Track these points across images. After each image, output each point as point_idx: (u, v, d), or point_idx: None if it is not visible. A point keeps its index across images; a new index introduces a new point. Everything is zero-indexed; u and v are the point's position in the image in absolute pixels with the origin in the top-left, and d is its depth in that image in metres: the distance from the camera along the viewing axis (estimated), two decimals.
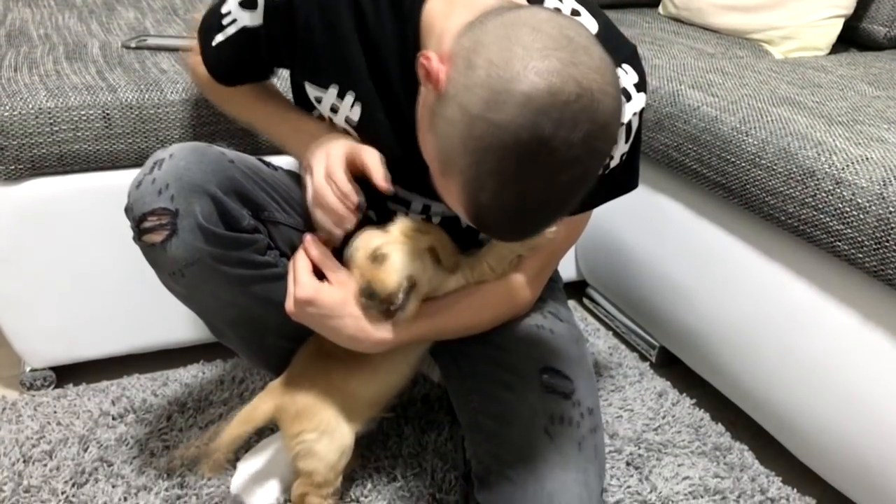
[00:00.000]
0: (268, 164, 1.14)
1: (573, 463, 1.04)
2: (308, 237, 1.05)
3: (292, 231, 1.11)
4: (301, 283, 1.02)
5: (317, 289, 1.02)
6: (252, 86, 1.17)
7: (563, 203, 0.80)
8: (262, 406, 1.14)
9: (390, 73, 1.00)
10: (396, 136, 1.03)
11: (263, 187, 1.08)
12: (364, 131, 1.05)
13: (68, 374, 1.50)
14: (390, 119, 1.03)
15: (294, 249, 1.12)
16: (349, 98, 1.03)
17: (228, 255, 1.02)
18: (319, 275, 1.04)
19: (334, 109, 1.05)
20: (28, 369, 1.48)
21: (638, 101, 1.02)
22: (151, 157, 1.03)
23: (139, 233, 1.01)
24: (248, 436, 1.17)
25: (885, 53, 1.82)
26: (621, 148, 1.03)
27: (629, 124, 1.02)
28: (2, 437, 1.33)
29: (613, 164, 1.04)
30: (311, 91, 1.06)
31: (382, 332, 1.04)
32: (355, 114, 1.04)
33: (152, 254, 1.02)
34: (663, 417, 1.46)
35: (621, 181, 1.09)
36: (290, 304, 1.03)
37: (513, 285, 1.12)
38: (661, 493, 1.28)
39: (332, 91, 1.04)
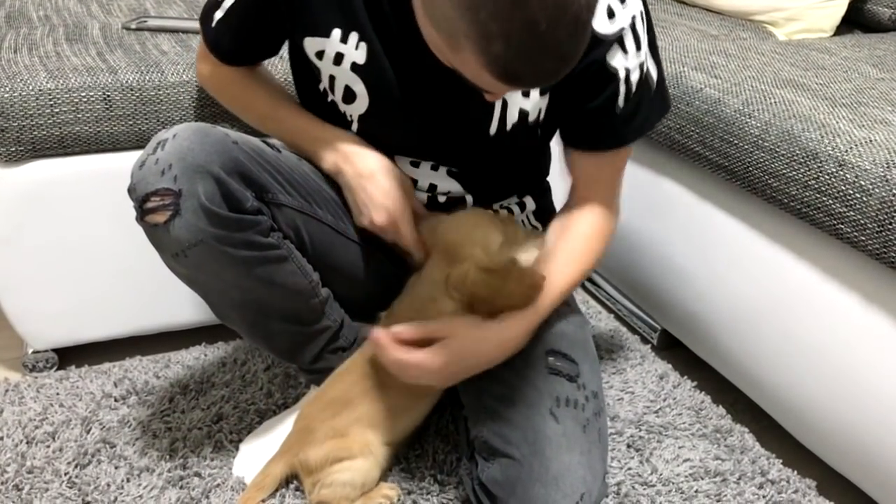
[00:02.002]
0: (271, 146, 1.13)
1: (578, 445, 1.04)
2: (378, 333, 1.04)
3: (296, 213, 1.11)
4: (423, 366, 1.02)
5: (435, 354, 1.02)
6: (266, 88, 1.18)
7: (574, 14, 0.75)
8: (273, 469, 1.17)
9: (387, 17, 1.00)
10: (398, 79, 1.04)
11: (267, 169, 1.08)
12: (371, 74, 1.04)
13: (70, 355, 1.51)
14: (391, 62, 1.03)
15: (297, 231, 1.12)
16: (353, 38, 1.03)
17: (231, 236, 1.02)
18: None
19: (338, 60, 1.04)
20: (30, 351, 1.48)
21: (633, 3, 1.01)
22: (155, 138, 1.03)
23: (142, 213, 1.01)
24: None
25: (889, 35, 1.81)
26: (635, 57, 1.03)
27: (633, 28, 1.01)
28: (5, 418, 1.34)
29: (635, 77, 1.04)
30: (313, 46, 1.05)
31: (519, 325, 1.05)
32: (361, 55, 1.03)
33: (155, 234, 1.02)
34: (664, 400, 1.46)
35: (653, 103, 1.09)
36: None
37: (601, 219, 1.14)
38: (661, 474, 1.28)
39: (336, 35, 1.03)
